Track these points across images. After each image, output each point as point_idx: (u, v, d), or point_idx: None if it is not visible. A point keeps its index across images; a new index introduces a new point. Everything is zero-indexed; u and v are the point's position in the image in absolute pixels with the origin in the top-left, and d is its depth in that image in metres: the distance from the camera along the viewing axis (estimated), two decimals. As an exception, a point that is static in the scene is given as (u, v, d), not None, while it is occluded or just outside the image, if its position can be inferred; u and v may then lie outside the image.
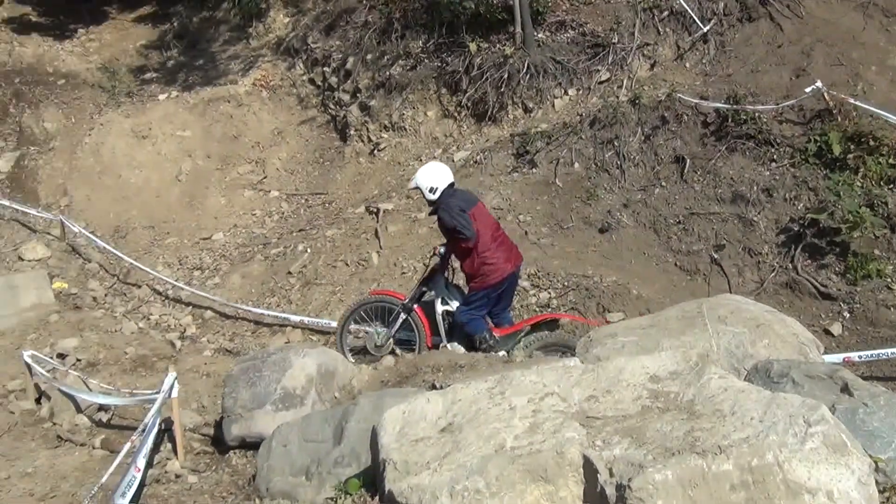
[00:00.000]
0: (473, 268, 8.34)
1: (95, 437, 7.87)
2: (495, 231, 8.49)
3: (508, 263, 8.40)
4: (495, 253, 8.31)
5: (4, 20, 18.05)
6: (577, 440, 4.14)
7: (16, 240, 12.54)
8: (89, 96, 15.75)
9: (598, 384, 4.67)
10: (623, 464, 3.90)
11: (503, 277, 8.36)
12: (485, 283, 8.33)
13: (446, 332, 8.72)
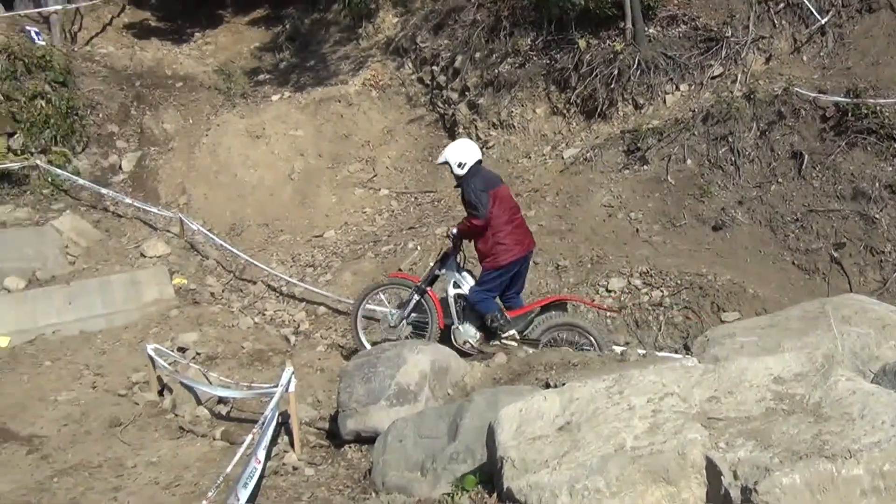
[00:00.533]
0: (487, 247, 8.57)
1: (215, 428, 8.10)
2: (513, 214, 8.71)
3: (520, 246, 8.62)
4: (509, 234, 8.53)
5: (126, 25, 18.73)
6: (700, 441, 4.09)
7: (138, 237, 13.00)
8: (206, 98, 16.22)
9: (720, 385, 4.60)
10: (748, 466, 3.84)
11: (514, 259, 8.57)
12: (497, 263, 8.55)
13: (458, 314, 8.93)
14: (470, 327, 8.82)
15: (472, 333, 8.80)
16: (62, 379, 9.64)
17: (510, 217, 8.64)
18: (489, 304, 8.67)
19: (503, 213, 8.56)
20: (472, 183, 8.53)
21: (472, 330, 8.80)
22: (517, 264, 8.69)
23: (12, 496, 6.83)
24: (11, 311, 10.67)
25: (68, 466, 7.47)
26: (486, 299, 8.68)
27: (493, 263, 8.58)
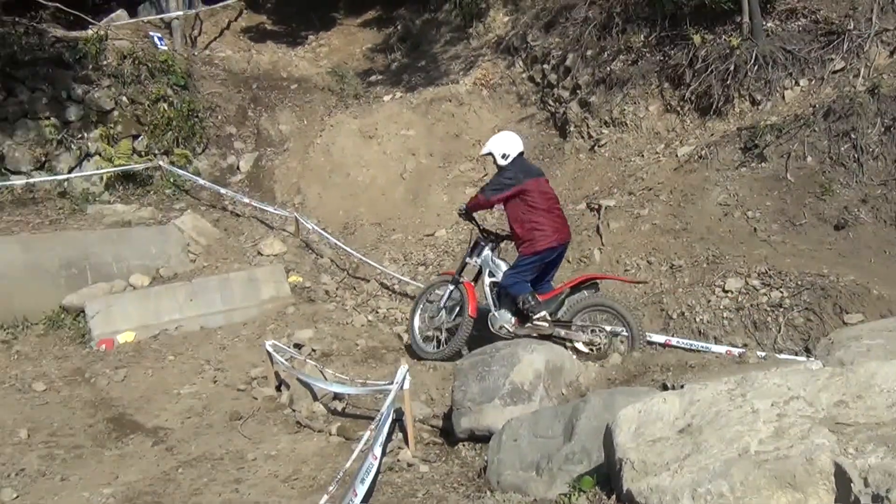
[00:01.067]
0: (525, 231, 8.91)
1: (332, 424, 8.24)
2: (552, 204, 9.07)
3: (558, 234, 8.95)
4: (547, 222, 8.88)
5: (243, 29, 19.23)
6: (828, 447, 3.98)
7: (255, 236, 13.34)
8: (320, 99, 16.53)
9: (848, 389, 4.47)
10: (879, 473, 3.72)
11: (550, 245, 8.90)
12: (534, 248, 8.87)
13: (494, 301, 9.31)
14: (505, 313, 9.14)
15: (508, 318, 9.13)
16: (184, 373, 9.97)
17: (549, 207, 8.98)
18: (521, 287, 8.99)
19: (542, 202, 8.92)
20: (504, 171, 9.05)
21: (508, 315, 9.13)
22: (553, 252, 9.02)
23: (139, 486, 7.09)
24: (137, 308, 11.07)
25: (192, 458, 7.71)
26: (519, 282, 9.00)
27: (530, 249, 8.90)
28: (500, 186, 9.01)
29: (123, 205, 13.92)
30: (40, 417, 8.79)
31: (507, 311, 9.16)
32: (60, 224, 13.11)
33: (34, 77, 14.87)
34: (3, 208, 13.51)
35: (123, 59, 15.75)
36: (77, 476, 7.38)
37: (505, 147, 9.16)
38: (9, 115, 14.49)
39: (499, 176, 9.09)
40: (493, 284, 9.39)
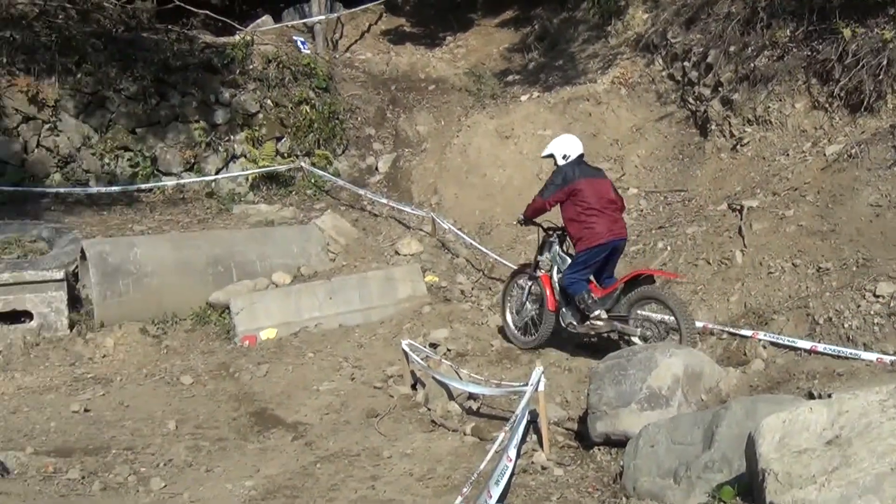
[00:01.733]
0: (577, 230, 9.28)
1: (466, 424, 8.27)
2: (606, 203, 9.32)
3: (610, 232, 9.22)
4: (597, 220, 9.17)
5: (383, 32, 19.55)
6: None
7: (393, 235, 13.53)
8: (457, 100, 16.64)
9: None
10: None
11: (603, 241, 9.17)
12: (588, 245, 9.18)
13: (563, 299, 9.60)
14: (573, 309, 9.47)
15: (574, 315, 9.47)
16: (323, 370, 10.18)
17: (602, 206, 9.26)
18: (578, 287, 9.30)
19: (595, 202, 9.23)
20: (560, 171, 9.40)
21: (574, 311, 9.46)
22: (606, 248, 9.27)
23: (280, 479, 7.28)
24: (278, 305, 11.37)
25: (330, 454, 7.87)
26: (576, 282, 9.32)
27: (582, 246, 9.25)
28: (555, 187, 9.36)
29: (267, 205, 14.36)
30: (187, 410, 9.14)
31: (573, 308, 9.48)
32: (208, 223, 13.63)
33: (185, 82, 15.51)
34: (156, 208, 14.14)
35: (268, 63, 16.25)
36: (221, 468, 7.64)
37: (566, 149, 9.55)
38: (161, 119, 15.16)
39: (553, 177, 9.46)
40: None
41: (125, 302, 11.21)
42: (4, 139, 14.16)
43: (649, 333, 9.02)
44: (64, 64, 14.72)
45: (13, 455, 7.33)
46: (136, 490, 7.11)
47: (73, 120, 14.66)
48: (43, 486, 6.88)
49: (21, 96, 14.31)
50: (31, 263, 11.37)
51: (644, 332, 9.06)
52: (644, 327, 9.09)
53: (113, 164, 14.68)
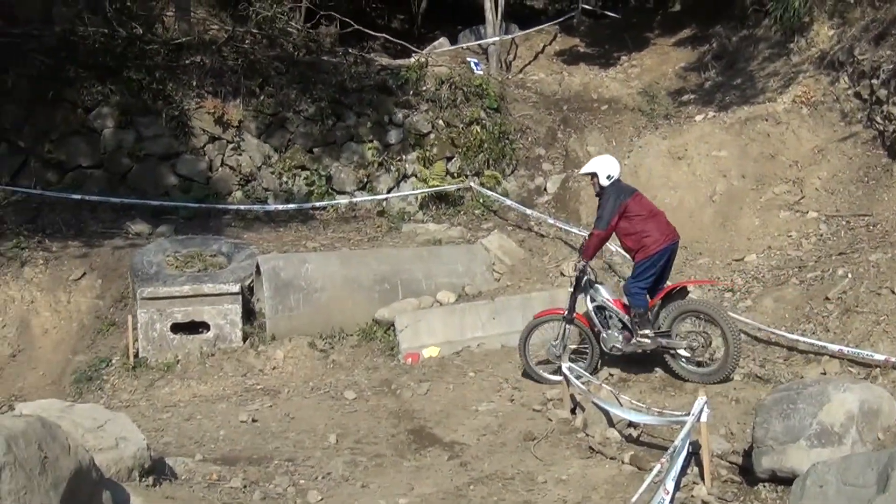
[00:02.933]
0: (635, 241, 9.56)
1: (625, 452, 8.05)
2: (651, 213, 9.70)
3: (664, 236, 9.53)
4: (652, 228, 9.52)
5: (556, 53, 19.50)
6: None
7: (558, 256, 13.40)
8: (629, 120, 16.38)
9: None
10: None
11: (662, 247, 9.48)
12: (647, 253, 9.46)
13: (602, 322, 9.84)
14: (614, 332, 9.74)
15: (617, 337, 9.70)
16: (483, 390, 10.18)
17: (649, 214, 9.65)
18: (640, 300, 9.55)
19: (644, 212, 9.61)
20: (611, 196, 9.62)
21: (616, 334, 9.72)
22: (665, 252, 9.56)
23: (433, 499, 7.29)
24: (442, 323, 11.46)
25: (484, 475, 7.82)
26: (639, 294, 9.56)
27: (644, 254, 9.50)
28: (611, 212, 9.55)
29: (435, 224, 14.53)
30: (349, 424, 9.32)
31: (615, 331, 9.74)
32: (377, 241, 13.92)
33: (360, 103, 15.96)
34: (329, 225, 14.56)
35: (441, 84, 16.48)
36: (376, 484, 7.73)
37: (610, 169, 9.75)
38: (337, 139, 15.64)
39: (604, 203, 9.65)
40: (598, 308, 9.90)
41: (295, 316, 11.57)
42: (192, 158, 14.95)
43: (695, 344, 9.46)
44: (248, 87, 15.42)
45: (182, 461, 7.65)
46: (293, 501, 7.28)
47: (254, 140, 15.32)
48: (207, 492, 7.13)
49: (208, 117, 15.09)
50: (210, 277, 11.91)
51: (690, 343, 9.47)
52: (689, 338, 9.48)
53: (290, 182, 15.23)
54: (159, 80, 15.00)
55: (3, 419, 5.29)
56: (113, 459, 6.50)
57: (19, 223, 13.21)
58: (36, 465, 5.07)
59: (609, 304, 9.87)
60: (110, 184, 14.54)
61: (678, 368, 9.69)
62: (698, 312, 9.58)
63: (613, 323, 9.80)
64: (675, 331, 9.53)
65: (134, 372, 10.95)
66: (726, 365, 9.42)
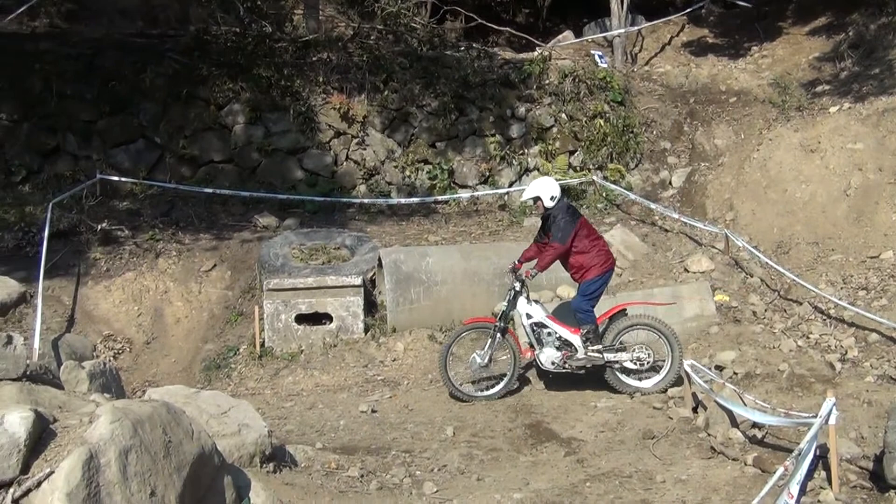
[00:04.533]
0: (589, 258, 9.80)
1: (748, 453, 7.84)
2: (597, 235, 10.18)
3: (610, 257, 10.04)
4: (602, 247, 10.00)
5: (684, 44, 19.10)
6: None
7: (682, 252, 13.11)
8: (759, 112, 15.90)
9: None
10: None
11: (610, 266, 9.98)
12: (602, 270, 9.83)
13: (537, 340, 9.96)
14: (550, 349, 9.88)
15: (555, 354, 9.85)
16: (603, 386, 10.05)
17: (596, 236, 10.09)
18: (590, 317, 9.81)
19: (591, 234, 9.99)
20: (563, 214, 9.80)
21: (553, 351, 9.86)
22: (611, 272, 10.06)
23: (547, 494, 7.24)
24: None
25: (601, 473, 7.74)
26: (589, 311, 9.82)
27: (596, 272, 9.80)
28: (569, 227, 9.73)
29: (557, 218, 14.39)
30: (466, 417, 9.37)
31: (552, 348, 9.88)
32: (498, 235, 13.93)
33: (483, 97, 15.98)
34: (451, 219, 14.66)
35: (564, 77, 16.37)
36: (492, 477, 7.73)
37: (552, 190, 9.92)
38: (459, 133, 15.71)
39: (560, 220, 9.75)
40: (534, 325, 9.96)
41: (416, 309, 11.68)
42: (318, 153, 15.28)
43: (642, 355, 9.83)
44: (373, 82, 15.65)
45: (302, 449, 7.81)
46: (409, 492, 7.34)
47: (378, 135, 15.54)
48: (325, 480, 7.27)
49: (334, 113, 15.39)
50: (333, 269, 12.15)
51: (638, 355, 9.83)
52: (634, 351, 9.85)
53: (413, 176, 15.38)
54: (287, 76, 15.39)
55: (131, 404, 5.51)
56: (235, 445, 6.69)
57: (155, 216, 13.75)
58: (160, 449, 5.26)
59: (549, 322, 9.97)
60: (240, 178, 15.00)
61: (617, 383, 9.93)
62: (644, 326, 9.99)
63: (551, 341, 9.92)
64: (618, 346, 9.86)
65: (260, 361, 11.27)
66: (668, 376, 9.85)
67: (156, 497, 5.09)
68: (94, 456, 4.83)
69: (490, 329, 10.06)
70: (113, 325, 12.07)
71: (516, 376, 10.10)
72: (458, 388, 10.02)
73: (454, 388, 10.01)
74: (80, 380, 6.87)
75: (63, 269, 12.44)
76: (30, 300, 11.42)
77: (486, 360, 9.98)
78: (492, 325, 10.11)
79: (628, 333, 10.01)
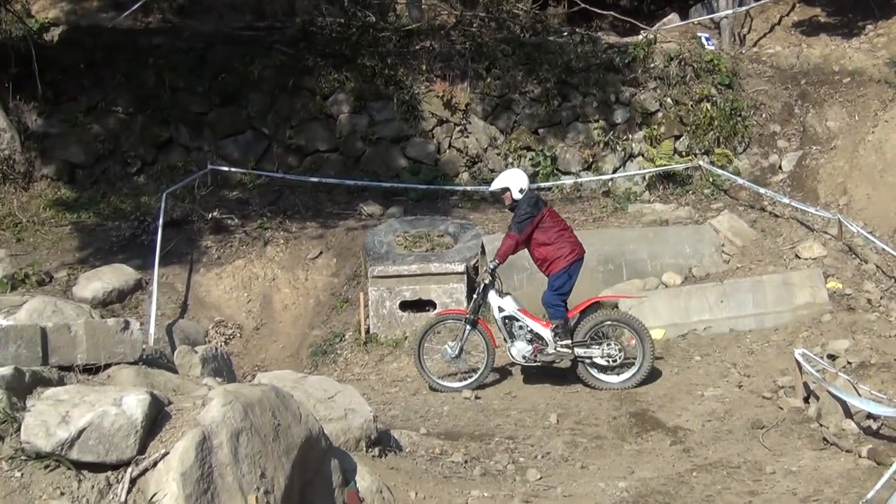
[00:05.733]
0: (552, 250, 9.82)
1: (862, 445, 7.59)
2: (564, 226, 10.14)
3: (578, 247, 9.96)
4: (567, 238, 9.95)
5: (794, 24, 18.51)
6: None
7: (793, 238, 12.77)
8: (874, 93, 15.31)
9: None
10: None
11: (577, 258, 9.88)
12: (566, 261, 9.79)
13: (509, 333, 9.97)
14: (521, 342, 9.88)
15: (525, 347, 9.84)
16: (710, 375, 9.90)
17: (563, 227, 10.05)
18: (559, 311, 9.80)
19: (556, 225, 9.95)
20: (525, 205, 9.83)
21: (524, 344, 9.86)
22: (579, 264, 9.95)
23: (653, 484, 7.16)
24: (667, 306, 11.23)
25: (708, 463, 7.61)
26: (559, 305, 9.81)
27: (562, 264, 9.79)
28: (526, 218, 9.75)
29: (662, 204, 14.22)
30: (570, 404, 9.34)
31: (523, 341, 9.86)
32: (602, 221, 13.79)
33: (586, 83, 15.83)
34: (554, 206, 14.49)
35: (670, 60, 16.06)
36: (596, 465, 7.70)
37: (521, 182, 9.97)
38: (562, 119, 15.60)
39: (520, 211, 9.81)
40: (506, 318, 9.95)
41: (519, 296, 11.62)
42: (421, 141, 15.37)
43: (612, 352, 9.76)
44: (475, 69, 15.64)
45: (407, 434, 7.92)
46: (513, 479, 7.36)
47: (481, 122, 15.53)
48: (429, 465, 7.35)
49: (437, 101, 15.44)
50: (436, 256, 12.24)
51: (608, 351, 9.77)
52: (605, 346, 9.79)
53: (516, 163, 15.31)
54: (391, 65, 15.51)
55: (242, 388, 5.66)
56: (341, 429, 6.82)
57: (263, 205, 14.07)
58: (270, 432, 5.40)
59: (521, 315, 9.94)
60: (345, 167, 15.21)
61: (589, 378, 9.86)
62: (614, 322, 9.99)
63: (522, 334, 9.91)
64: (589, 342, 9.81)
65: (365, 347, 11.45)
66: (639, 372, 9.78)
67: (265, 479, 5.23)
68: (206, 438, 4.98)
69: (461, 321, 10.15)
70: (224, 311, 12.40)
71: (490, 368, 10.13)
72: (431, 378, 10.16)
73: (428, 377, 10.18)
74: (193, 364, 7.09)
75: (176, 256, 12.85)
76: (146, 287, 11.87)
77: (456, 352, 10.09)
78: (463, 316, 10.20)
79: (600, 330, 9.96)
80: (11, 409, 4.99)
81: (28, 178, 14.34)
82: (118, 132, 15.01)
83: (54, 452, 4.74)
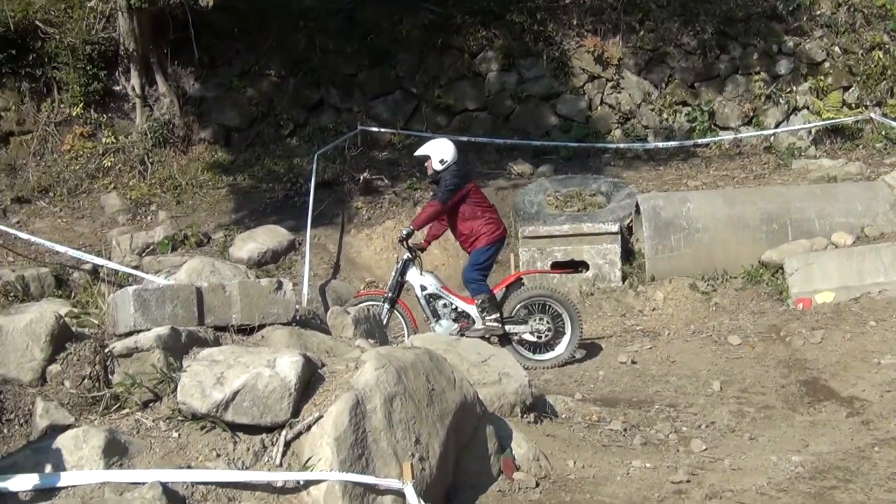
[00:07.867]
0: (478, 226, 9.49)
1: None
2: (489, 203, 9.87)
3: (501, 225, 9.74)
4: (492, 216, 9.67)
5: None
6: None
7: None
8: None
9: None
10: None
11: (501, 235, 9.67)
12: (490, 239, 9.51)
13: (432, 312, 9.58)
14: (447, 321, 9.50)
15: (452, 326, 9.45)
16: (887, 341, 9.21)
17: (488, 205, 9.80)
18: (483, 286, 9.48)
19: (484, 201, 9.74)
20: (451, 176, 9.41)
21: (450, 323, 9.49)
22: (502, 242, 9.79)
23: (830, 458, 6.67)
24: (838, 267, 10.53)
25: (891, 437, 7.04)
26: (480, 281, 9.51)
27: (485, 240, 9.49)
28: (453, 188, 9.37)
29: (829, 160, 13.47)
30: (733, 371, 8.86)
31: (448, 320, 9.49)
32: (764, 179, 13.15)
33: (747, 33, 15.17)
34: (711, 163, 14.01)
35: (838, 6, 15.24)
36: (766, 437, 7.23)
37: (443, 153, 9.53)
38: (720, 72, 15.01)
39: (446, 180, 9.42)
40: (429, 297, 9.61)
41: (675, 257, 11.22)
42: (572, 97, 15.03)
43: (541, 327, 9.46)
44: (627, 23, 15.17)
45: (562, 400, 7.66)
46: (676, 449, 6.99)
47: (634, 77, 15.07)
48: (586, 433, 7.07)
49: (588, 56, 15.08)
50: (588, 216, 11.91)
51: (537, 327, 9.46)
52: (535, 322, 9.47)
53: (671, 119, 14.81)
54: (540, 21, 15.19)
55: (394, 351, 5.54)
56: (496, 394, 6.63)
57: (412, 165, 13.97)
58: (424, 397, 5.25)
59: (444, 293, 9.62)
60: (494, 126, 15.01)
61: (515, 355, 8.91)
62: (542, 297, 9.65)
63: (447, 312, 9.56)
64: (517, 317, 9.51)
65: (516, 308, 11.21)
66: (567, 349, 9.52)
67: (420, 445, 5.09)
68: (360, 402, 4.88)
69: (380, 301, 9.69)
70: (374, 271, 12.39)
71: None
72: None
73: None
74: (346, 325, 7.00)
75: (328, 218, 12.92)
76: (298, 248, 11.98)
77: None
78: (381, 297, 9.80)
79: (527, 304, 9.59)
80: (168, 369, 5.02)
81: (187, 141, 14.66)
82: (271, 95, 15.17)
83: (210, 414, 4.74)
